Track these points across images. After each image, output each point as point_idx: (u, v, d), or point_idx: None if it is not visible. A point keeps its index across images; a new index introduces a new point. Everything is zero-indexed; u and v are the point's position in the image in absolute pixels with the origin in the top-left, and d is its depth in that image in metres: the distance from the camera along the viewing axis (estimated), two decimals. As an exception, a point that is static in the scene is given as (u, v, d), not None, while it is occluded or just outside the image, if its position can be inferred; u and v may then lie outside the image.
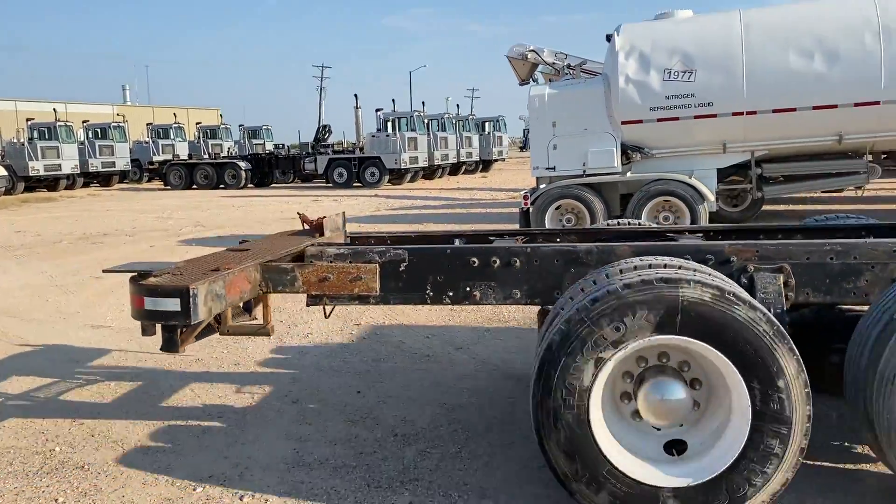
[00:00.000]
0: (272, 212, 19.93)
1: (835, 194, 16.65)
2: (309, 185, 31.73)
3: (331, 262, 3.87)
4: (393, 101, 32.14)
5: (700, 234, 4.68)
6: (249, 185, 31.81)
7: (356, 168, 29.51)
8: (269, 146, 40.46)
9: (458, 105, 46.40)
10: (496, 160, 39.93)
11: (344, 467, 3.96)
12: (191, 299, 3.26)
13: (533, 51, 15.72)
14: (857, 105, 10.35)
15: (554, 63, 15.53)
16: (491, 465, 3.91)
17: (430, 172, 32.80)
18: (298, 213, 4.96)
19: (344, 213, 5.08)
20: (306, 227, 4.78)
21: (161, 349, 3.60)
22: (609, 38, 11.69)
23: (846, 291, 3.54)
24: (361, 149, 30.40)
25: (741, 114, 10.80)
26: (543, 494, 3.54)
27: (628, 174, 11.64)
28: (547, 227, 11.51)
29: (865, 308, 3.45)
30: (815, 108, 10.54)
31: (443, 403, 4.87)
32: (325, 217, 4.79)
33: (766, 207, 14.67)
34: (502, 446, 4.14)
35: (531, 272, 3.72)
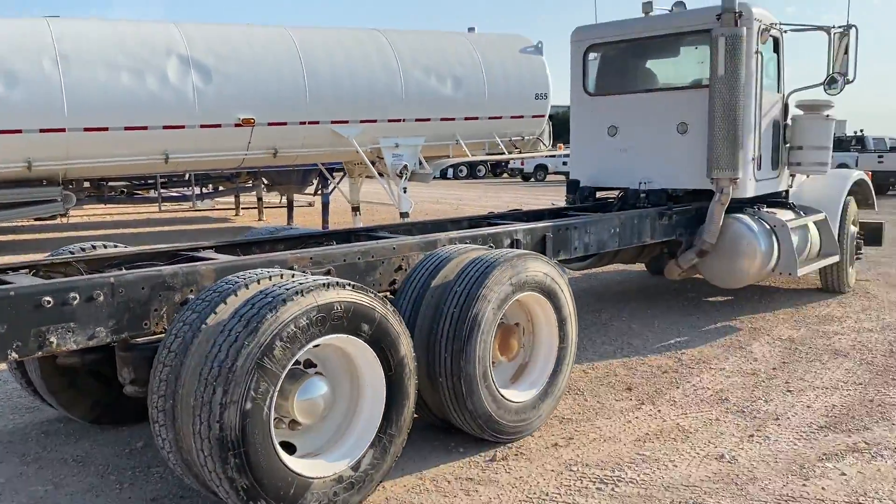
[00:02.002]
0: None
1: (47, 222, 16.29)
2: None
3: None
4: None
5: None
6: None
7: None
8: None
9: None
10: None
11: None
12: None
13: None
14: (42, 131, 10.11)
15: None
16: None
17: None
18: None
19: None
20: None
21: None
22: None
23: (371, 283, 4.36)
24: None
25: None
26: None
27: None
28: None
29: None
30: (1, 132, 9.84)
31: None
32: None
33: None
34: None
35: (118, 304, 3.43)
